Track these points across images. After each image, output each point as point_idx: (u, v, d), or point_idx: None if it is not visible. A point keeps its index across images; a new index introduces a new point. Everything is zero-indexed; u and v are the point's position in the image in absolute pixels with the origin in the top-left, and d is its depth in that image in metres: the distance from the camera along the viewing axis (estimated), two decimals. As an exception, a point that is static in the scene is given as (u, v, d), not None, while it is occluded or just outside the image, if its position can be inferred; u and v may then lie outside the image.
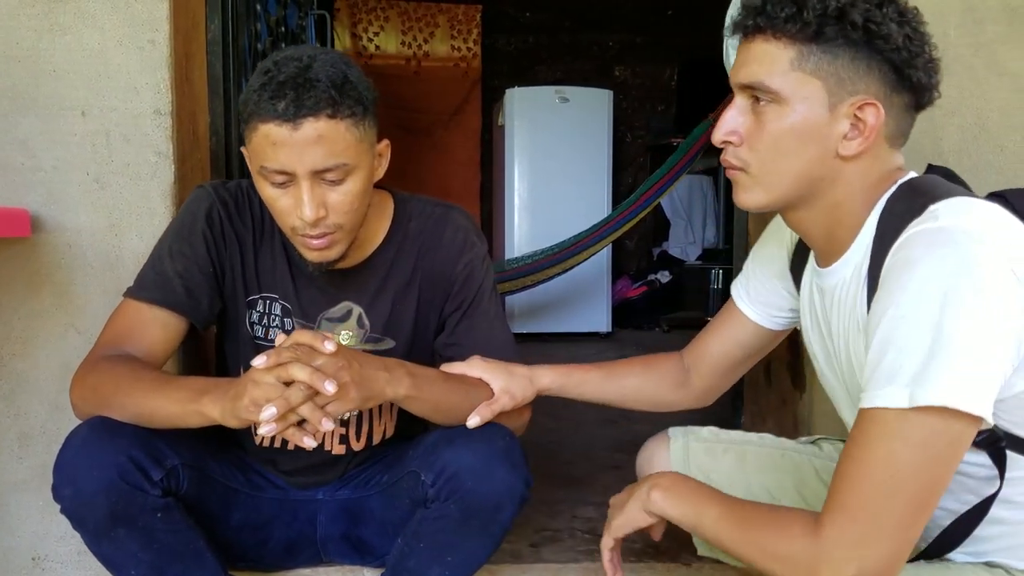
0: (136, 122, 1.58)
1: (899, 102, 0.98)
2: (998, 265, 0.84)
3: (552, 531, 1.79)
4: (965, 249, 0.85)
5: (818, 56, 0.96)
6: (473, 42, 5.75)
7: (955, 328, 0.83)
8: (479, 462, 1.18)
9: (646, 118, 5.93)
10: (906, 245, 0.90)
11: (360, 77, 1.17)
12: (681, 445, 1.36)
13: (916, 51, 0.96)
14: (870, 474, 0.85)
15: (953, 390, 0.82)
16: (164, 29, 1.58)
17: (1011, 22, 1.66)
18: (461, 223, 1.39)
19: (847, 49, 0.95)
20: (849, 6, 0.94)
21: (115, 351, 1.22)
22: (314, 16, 3.25)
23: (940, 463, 0.85)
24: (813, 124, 0.98)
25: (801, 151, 0.99)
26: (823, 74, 0.96)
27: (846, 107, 0.96)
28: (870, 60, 0.95)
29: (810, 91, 0.97)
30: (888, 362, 0.86)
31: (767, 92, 0.99)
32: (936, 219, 0.89)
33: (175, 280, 1.27)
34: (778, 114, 0.99)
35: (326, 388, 1.03)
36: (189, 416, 1.11)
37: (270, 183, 1.16)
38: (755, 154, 1.02)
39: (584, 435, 2.64)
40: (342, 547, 1.45)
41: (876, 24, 0.94)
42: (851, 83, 0.96)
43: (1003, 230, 0.88)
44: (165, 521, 1.17)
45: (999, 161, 1.68)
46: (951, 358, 0.83)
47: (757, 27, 0.99)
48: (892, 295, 0.87)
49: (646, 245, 5.93)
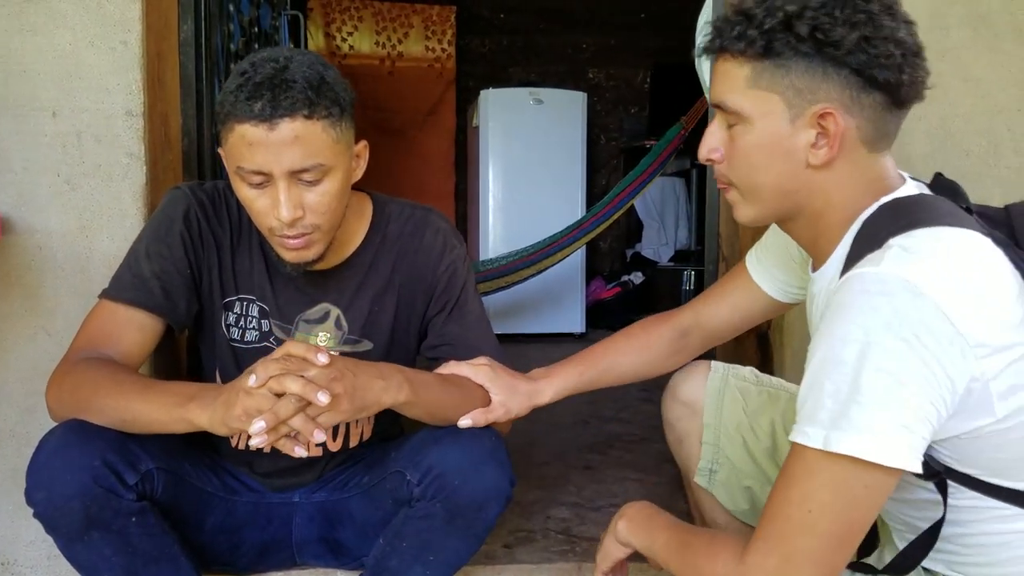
0: (107, 123, 1.57)
1: (870, 102, 0.95)
2: (932, 317, 0.84)
3: (526, 532, 1.80)
4: (898, 301, 0.85)
5: (771, 71, 0.96)
6: (448, 43, 5.75)
7: (872, 380, 0.84)
8: (466, 461, 1.19)
9: (619, 120, 5.96)
10: (845, 286, 0.90)
11: (337, 78, 1.18)
12: (721, 376, 1.39)
13: (877, 51, 0.92)
14: (787, 509, 0.88)
15: (864, 442, 0.84)
16: (136, 30, 1.57)
17: (976, 28, 1.70)
18: (440, 226, 1.40)
19: (800, 60, 0.94)
20: (795, 17, 0.93)
21: (92, 353, 1.21)
22: (287, 16, 3.24)
23: (855, 507, 0.87)
24: (777, 138, 0.98)
25: (771, 165, 0.99)
26: (779, 88, 0.96)
27: (808, 117, 0.96)
28: (826, 68, 0.94)
29: (769, 106, 0.97)
30: (812, 401, 0.88)
31: (730, 111, 1.00)
32: (880, 262, 0.88)
33: (152, 281, 1.26)
34: (744, 131, 1.00)
35: (319, 399, 1.02)
36: (174, 423, 1.10)
37: (247, 184, 1.16)
38: (734, 171, 1.03)
39: (557, 436, 2.65)
40: (318, 549, 1.44)
41: (824, 32, 0.92)
42: (809, 93, 0.95)
43: (951, 276, 0.87)
44: (139, 525, 1.17)
45: (965, 166, 1.71)
46: (865, 410, 0.84)
47: (718, 48, 1.00)
48: (823, 336, 0.89)
49: (620, 246, 5.96)
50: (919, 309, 0.84)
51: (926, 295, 0.84)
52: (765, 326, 1.96)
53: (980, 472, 0.93)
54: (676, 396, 1.40)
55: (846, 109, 0.95)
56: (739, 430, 1.35)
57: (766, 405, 1.36)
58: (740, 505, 1.36)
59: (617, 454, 2.45)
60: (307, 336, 1.34)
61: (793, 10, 0.93)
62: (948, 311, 0.84)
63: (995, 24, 1.70)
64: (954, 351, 0.84)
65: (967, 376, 0.86)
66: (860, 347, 0.84)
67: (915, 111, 1.68)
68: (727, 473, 1.35)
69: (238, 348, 1.35)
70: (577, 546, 1.72)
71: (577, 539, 1.76)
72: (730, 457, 1.36)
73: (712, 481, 1.36)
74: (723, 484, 1.36)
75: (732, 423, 1.36)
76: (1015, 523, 0.94)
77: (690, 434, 1.39)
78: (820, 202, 1.00)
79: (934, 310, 0.84)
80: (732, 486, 1.36)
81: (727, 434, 1.36)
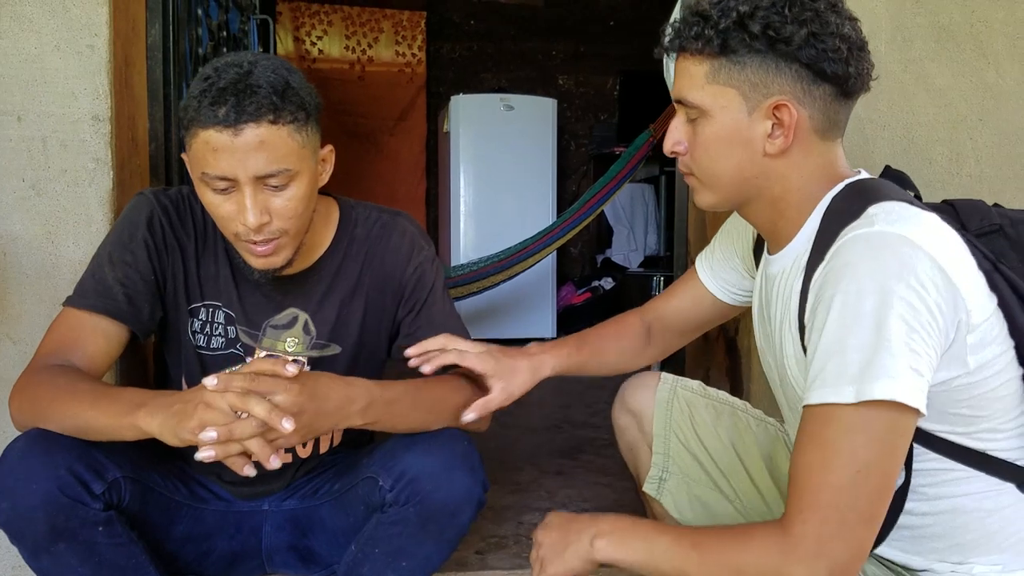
0: (74, 128, 1.55)
1: (820, 93, 1.02)
2: (932, 267, 0.89)
3: (498, 538, 1.80)
4: (902, 253, 0.89)
5: (728, 68, 1.02)
6: (418, 48, 5.74)
7: (896, 327, 0.87)
8: (439, 466, 1.19)
9: (589, 127, 5.99)
10: (844, 249, 0.94)
11: (302, 83, 1.18)
12: (669, 386, 1.41)
13: (824, 46, 0.99)
14: (830, 474, 0.88)
15: (897, 386, 0.86)
16: (103, 34, 1.55)
17: (938, 39, 1.73)
18: (407, 228, 1.40)
19: (754, 56, 1.01)
20: (748, 17, 1.00)
21: (56, 361, 1.19)
22: (256, 21, 3.22)
23: (894, 455, 0.89)
24: (735, 129, 1.04)
25: (730, 154, 1.05)
26: (736, 83, 1.02)
27: (764, 109, 1.02)
28: (778, 62, 1.00)
29: (727, 100, 1.03)
30: (835, 360, 0.89)
31: (691, 106, 1.06)
32: (872, 224, 0.93)
33: (116, 288, 1.25)
34: (704, 124, 1.06)
35: (283, 426, 1.00)
36: (123, 429, 1.08)
37: (212, 189, 1.16)
38: (696, 161, 1.09)
39: (530, 441, 2.65)
40: (288, 558, 1.43)
41: (775, 29, 0.99)
42: (764, 86, 1.01)
43: (935, 235, 0.93)
44: (106, 535, 1.15)
45: (927, 173, 1.75)
46: (894, 356, 0.87)
47: (678, 47, 1.07)
48: (832, 297, 0.91)
49: (590, 252, 5.98)
50: (921, 260, 0.89)
51: (923, 248, 0.90)
52: (733, 331, 1.99)
53: (942, 429, 0.97)
54: (625, 404, 1.44)
55: (799, 100, 1.01)
56: (687, 440, 1.38)
57: (712, 417, 1.40)
58: (686, 514, 1.37)
59: (589, 459, 2.46)
60: (275, 342, 1.33)
61: (745, 10, 1.00)
62: (942, 264, 0.90)
63: (957, 35, 1.74)
64: (950, 300, 0.90)
65: (956, 325, 0.91)
66: (877, 298, 0.88)
67: (879, 120, 1.74)
68: (676, 481, 1.37)
69: (204, 355, 1.34)
70: (549, 551, 1.72)
71: (549, 544, 1.76)
72: (680, 465, 1.38)
73: (661, 489, 1.38)
74: (672, 492, 1.38)
75: (681, 432, 1.39)
76: (970, 485, 0.99)
77: (639, 442, 1.42)
78: (779, 187, 1.06)
79: (931, 262, 0.89)
80: (681, 494, 1.37)
81: (676, 443, 1.38)
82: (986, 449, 0.99)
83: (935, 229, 0.94)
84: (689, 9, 1.06)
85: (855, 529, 0.88)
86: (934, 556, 1.04)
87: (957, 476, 1.00)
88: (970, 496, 1.00)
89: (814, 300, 0.96)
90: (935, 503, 1.01)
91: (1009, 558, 1.00)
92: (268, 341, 1.33)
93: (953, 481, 1.00)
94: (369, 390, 1.16)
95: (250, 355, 1.34)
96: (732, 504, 1.36)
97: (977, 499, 0.99)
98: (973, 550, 1.01)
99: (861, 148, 1.73)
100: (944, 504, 1.01)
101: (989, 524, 1.00)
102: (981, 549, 1.01)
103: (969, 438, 0.98)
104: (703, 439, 1.38)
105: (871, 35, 1.71)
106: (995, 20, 1.74)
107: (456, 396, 1.28)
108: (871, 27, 1.71)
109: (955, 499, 1.00)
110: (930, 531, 1.03)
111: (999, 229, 1.03)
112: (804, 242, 1.05)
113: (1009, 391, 0.97)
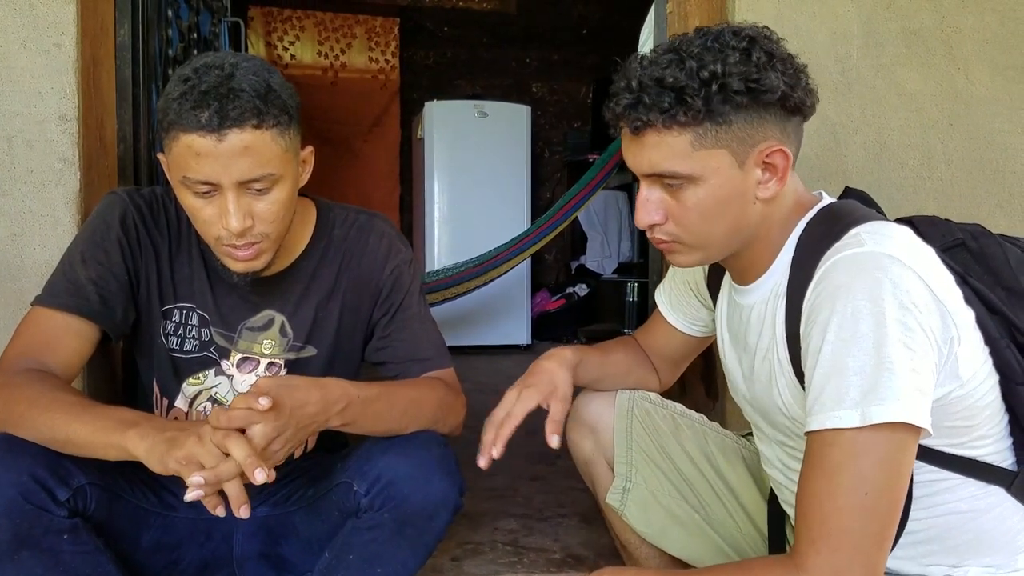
0: (40, 128, 1.52)
1: (793, 126, 1.03)
2: (921, 286, 0.90)
3: (473, 544, 1.78)
4: (892, 272, 0.89)
5: (715, 130, 0.98)
6: (392, 54, 5.73)
7: (894, 347, 0.87)
8: (415, 470, 1.17)
9: (563, 134, 6.02)
10: (835, 270, 0.93)
11: (283, 84, 1.16)
12: (628, 396, 1.41)
13: (794, 81, 0.99)
14: (839, 500, 0.87)
15: (901, 407, 0.86)
16: (71, 32, 1.53)
17: (909, 45, 1.75)
18: (385, 230, 1.39)
19: (739, 113, 0.98)
20: (726, 76, 0.96)
21: (28, 362, 1.16)
22: (227, 23, 3.18)
23: (901, 476, 0.89)
24: (730, 187, 1.01)
25: (727, 212, 1.03)
26: (724, 142, 0.99)
27: (753, 158, 1.00)
28: (761, 112, 0.99)
29: (717, 161, 0.99)
30: (835, 384, 0.89)
31: (676, 177, 1.01)
32: (862, 244, 0.93)
33: (89, 287, 1.22)
34: (695, 190, 1.01)
35: (256, 477, 1.01)
36: (108, 448, 1.06)
37: (193, 193, 1.14)
38: (684, 228, 1.05)
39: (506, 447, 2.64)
40: (260, 566, 1.40)
41: (756, 81, 0.96)
42: (751, 138, 0.99)
43: (919, 254, 0.94)
44: (72, 543, 1.12)
45: (899, 178, 1.77)
46: (895, 376, 0.86)
47: (646, 123, 0.99)
48: (832, 318, 0.90)
49: (564, 259, 6.00)
50: (909, 279, 0.89)
51: (911, 267, 0.90)
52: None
53: (940, 443, 0.98)
54: (579, 418, 1.42)
55: (785, 140, 1.01)
56: (649, 449, 1.38)
57: (672, 427, 1.40)
58: (653, 526, 1.36)
59: (565, 464, 2.44)
60: (251, 344, 1.31)
61: (719, 70, 0.96)
62: (928, 282, 0.91)
63: (927, 40, 1.76)
64: (938, 318, 0.90)
65: (948, 342, 0.91)
66: (874, 318, 0.88)
67: (851, 124, 1.75)
68: (640, 492, 1.36)
69: (177, 358, 1.32)
70: (525, 557, 1.71)
71: (525, 550, 1.75)
72: (643, 475, 1.37)
73: (625, 499, 1.36)
74: (636, 503, 1.36)
75: (643, 441, 1.38)
76: (963, 491, 1.00)
77: (596, 456, 1.41)
78: (763, 229, 1.06)
79: (918, 280, 0.90)
80: (646, 504, 1.36)
81: (639, 452, 1.38)
82: (977, 456, 1.00)
83: (918, 247, 0.95)
84: (639, 82, 0.99)
85: (868, 554, 0.87)
86: (928, 560, 1.04)
87: (951, 484, 1.00)
88: (963, 500, 1.01)
89: (807, 323, 0.95)
90: (930, 511, 1.02)
91: (1003, 559, 1.01)
92: (244, 343, 1.31)
93: (947, 489, 1.01)
94: (346, 390, 1.15)
95: (225, 358, 1.32)
96: (698, 513, 1.36)
97: (969, 503, 1.00)
98: (967, 553, 1.02)
99: (833, 152, 1.75)
100: (939, 511, 1.01)
101: (981, 525, 1.01)
102: (974, 551, 1.01)
103: (963, 447, 0.99)
104: (666, 447, 1.38)
105: (843, 40, 1.75)
106: (965, 26, 1.76)
107: (431, 396, 1.27)
108: (843, 32, 1.73)
109: (949, 505, 1.01)
110: (924, 536, 1.03)
111: (961, 243, 1.05)
112: (782, 270, 1.05)
113: (992, 397, 0.99)
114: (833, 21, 1.73)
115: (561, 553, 1.73)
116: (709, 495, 1.36)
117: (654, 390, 1.45)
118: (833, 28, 1.73)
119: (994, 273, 1.02)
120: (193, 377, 1.33)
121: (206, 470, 1.00)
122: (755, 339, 1.11)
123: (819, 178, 1.74)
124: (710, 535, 1.35)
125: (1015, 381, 0.99)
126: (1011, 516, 1.01)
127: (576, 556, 1.72)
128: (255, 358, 1.33)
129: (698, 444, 1.39)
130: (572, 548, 1.76)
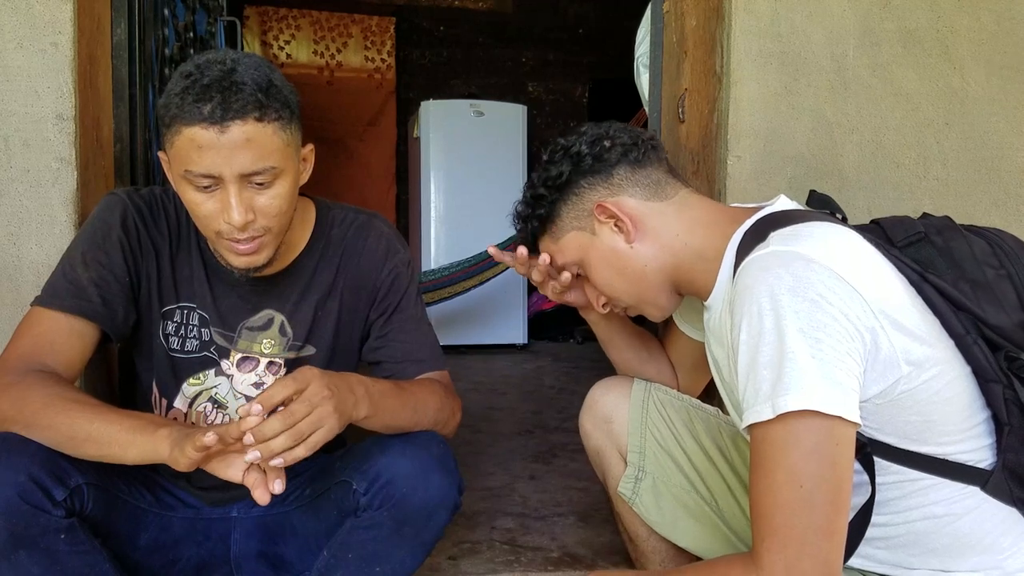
0: (37, 127, 1.52)
1: (620, 175, 1.18)
2: (830, 277, 0.91)
3: (471, 543, 1.78)
4: (794, 267, 0.91)
5: (556, 229, 1.23)
6: (387, 53, 5.73)
7: (795, 338, 0.88)
8: (414, 469, 1.17)
9: (559, 133, 5.99)
10: (743, 274, 0.97)
11: (283, 81, 1.17)
12: (644, 387, 1.44)
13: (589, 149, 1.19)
14: (778, 496, 0.88)
15: (807, 395, 0.87)
16: (67, 31, 1.52)
17: (906, 44, 1.75)
18: (384, 230, 1.39)
19: (558, 207, 1.21)
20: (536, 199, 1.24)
21: (31, 363, 1.15)
22: (224, 23, 3.18)
23: (836, 465, 0.89)
24: (602, 251, 1.19)
25: (620, 269, 1.18)
26: (568, 230, 1.22)
27: (591, 220, 1.18)
28: (573, 189, 1.20)
29: (578, 242, 1.21)
30: (752, 383, 0.91)
31: (571, 267, 1.24)
32: (767, 246, 0.97)
33: (90, 288, 1.22)
34: (589, 272, 1.22)
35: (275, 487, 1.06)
36: (130, 447, 1.07)
37: (194, 187, 1.13)
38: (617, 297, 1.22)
39: (502, 446, 2.64)
40: (257, 565, 1.40)
41: (549, 179, 1.21)
42: (581, 209, 1.19)
43: (833, 249, 0.95)
44: (69, 543, 1.12)
45: (895, 177, 1.77)
46: (797, 365, 0.88)
47: (524, 243, 1.31)
48: (739, 323, 0.94)
49: (560, 258, 6.00)
50: (816, 272, 0.91)
51: (818, 262, 0.92)
52: None
53: (898, 440, 0.99)
54: (593, 408, 1.44)
55: (610, 194, 1.17)
56: (664, 439, 1.39)
57: (686, 419, 1.41)
58: (665, 515, 1.37)
59: (561, 463, 2.45)
60: (250, 344, 1.31)
61: (529, 195, 1.25)
62: (841, 273, 0.92)
63: (923, 40, 1.76)
64: (856, 305, 0.91)
65: (870, 330, 0.92)
66: (774, 314, 0.90)
67: (847, 124, 1.75)
68: (652, 481, 1.38)
69: (177, 358, 1.31)
70: (522, 556, 1.71)
71: (522, 549, 1.75)
72: (656, 465, 1.38)
73: (637, 489, 1.38)
74: (648, 492, 1.38)
75: (657, 431, 1.39)
76: (938, 492, 1.00)
77: (607, 447, 1.43)
78: (671, 258, 1.16)
79: (828, 272, 0.91)
80: (658, 495, 1.37)
81: (652, 443, 1.39)
82: (945, 455, 1.00)
83: (835, 244, 0.97)
84: (517, 210, 1.30)
85: (817, 546, 0.87)
86: (912, 563, 1.04)
87: (924, 485, 1.01)
88: (939, 503, 1.01)
89: (730, 328, 0.98)
90: (907, 514, 1.02)
91: (987, 560, 1.01)
92: (244, 343, 1.31)
93: (921, 491, 1.01)
94: (361, 380, 1.16)
95: (224, 358, 1.32)
96: (709, 505, 1.36)
97: (946, 505, 1.00)
98: (949, 555, 1.02)
99: (829, 151, 1.75)
100: (916, 514, 1.02)
101: (959, 528, 1.01)
102: (957, 554, 1.01)
103: (926, 445, 0.99)
104: (680, 439, 1.39)
105: (840, 39, 1.75)
106: (961, 26, 1.77)
107: (433, 397, 1.28)
108: (840, 31, 1.74)
109: (925, 508, 1.01)
110: (904, 540, 1.04)
111: (924, 237, 1.05)
112: (725, 281, 1.09)
113: (955, 391, 0.98)
114: (829, 20, 1.73)
115: (558, 552, 1.73)
116: (721, 488, 1.37)
117: (670, 386, 1.46)
118: (829, 27, 1.73)
119: (958, 267, 1.03)
120: (193, 377, 1.32)
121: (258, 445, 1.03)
122: (717, 350, 1.15)
123: (815, 177, 1.74)
124: (721, 528, 1.36)
125: (985, 378, 0.99)
126: (990, 519, 1.00)
127: (573, 555, 1.72)
128: (255, 357, 1.33)
129: (711, 436, 1.39)
130: (569, 547, 1.77)
